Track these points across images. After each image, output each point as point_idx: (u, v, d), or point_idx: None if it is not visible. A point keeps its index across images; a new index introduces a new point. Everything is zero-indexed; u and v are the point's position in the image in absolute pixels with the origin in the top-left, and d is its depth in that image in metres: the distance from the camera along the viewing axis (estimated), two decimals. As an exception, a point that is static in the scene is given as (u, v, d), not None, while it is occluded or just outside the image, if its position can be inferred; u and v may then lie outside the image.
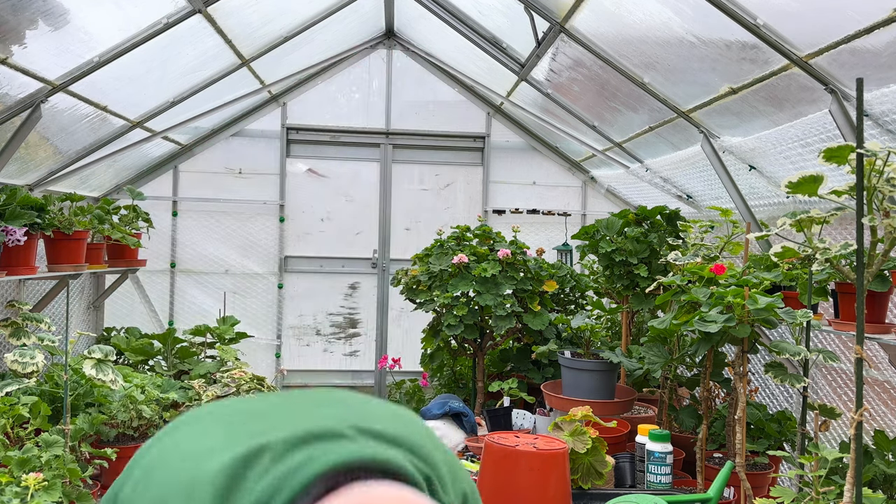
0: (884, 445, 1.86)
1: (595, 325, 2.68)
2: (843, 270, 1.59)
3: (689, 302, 1.95)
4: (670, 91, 2.94)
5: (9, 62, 2.59)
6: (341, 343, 4.84)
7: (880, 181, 1.39)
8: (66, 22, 2.62)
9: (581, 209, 4.85)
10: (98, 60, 2.93)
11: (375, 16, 4.37)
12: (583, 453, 1.81)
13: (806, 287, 1.83)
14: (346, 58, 4.67)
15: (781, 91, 2.39)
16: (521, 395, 2.85)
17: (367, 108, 4.74)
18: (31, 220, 2.87)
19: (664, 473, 1.96)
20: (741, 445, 1.77)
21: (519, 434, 1.62)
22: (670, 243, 2.63)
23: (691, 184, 3.64)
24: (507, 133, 4.83)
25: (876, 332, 1.85)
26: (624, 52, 2.94)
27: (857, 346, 1.33)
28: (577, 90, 3.72)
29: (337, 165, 4.72)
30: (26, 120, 2.95)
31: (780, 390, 3.09)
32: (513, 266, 3.09)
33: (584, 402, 2.16)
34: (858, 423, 1.32)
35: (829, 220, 1.61)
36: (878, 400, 2.52)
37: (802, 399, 1.81)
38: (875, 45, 1.90)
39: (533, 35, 3.31)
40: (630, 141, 3.72)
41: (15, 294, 3.59)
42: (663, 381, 2.42)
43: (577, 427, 1.85)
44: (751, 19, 2.15)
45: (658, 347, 2.21)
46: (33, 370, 2.92)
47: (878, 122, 2.10)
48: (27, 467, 2.43)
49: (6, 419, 2.67)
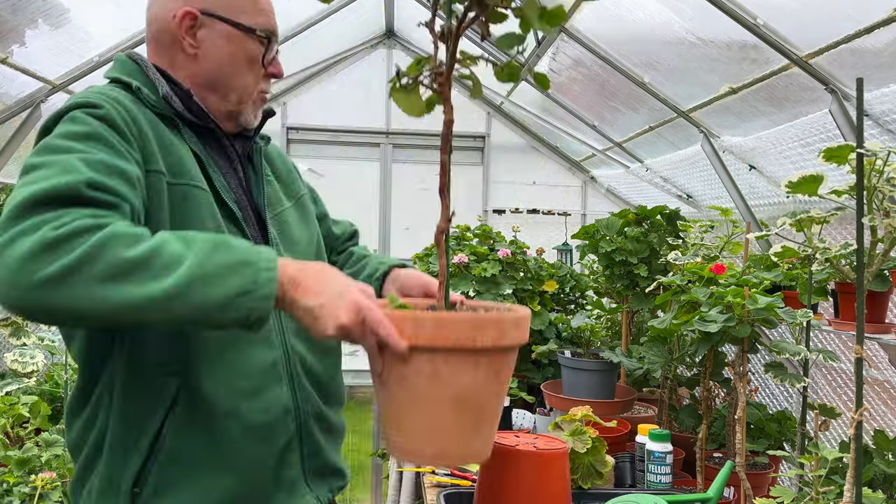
0: (884, 445, 1.86)
1: (595, 325, 2.68)
2: (843, 270, 1.59)
3: (689, 302, 1.95)
4: (670, 91, 2.94)
5: (9, 62, 2.59)
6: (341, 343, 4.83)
7: (880, 181, 1.39)
8: (67, 21, 2.62)
9: (581, 209, 4.85)
10: (98, 60, 2.93)
11: (375, 16, 4.37)
12: (583, 453, 1.81)
13: (806, 287, 1.83)
14: (346, 58, 4.67)
15: (781, 91, 2.39)
16: (521, 394, 2.85)
17: (367, 108, 4.74)
18: (31, 219, 2.87)
19: (664, 473, 1.96)
20: (741, 445, 1.77)
21: (519, 434, 1.62)
22: (670, 243, 2.63)
23: (691, 184, 3.64)
24: (507, 133, 4.83)
25: (876, 331, 1.85)
26: (624, 52, 2.94)
27: (857, 346, 1.33)
28: (578, 90, 3.72)
29: (337, 165, 4.72)
30: (26, 120, 2.95)
31: (780, 390, 3.09)
32: (513, 266, 3.09)
33: (584, 402, 2.16)
34: (858, 422, 1.32)
35: (829, 219, 1.61)
36: (878, 400, 2.52)
37: (802, 399, 1.81)
38: (875, 44, 1.90)
39: (533, 34, 3.31)
40: (630, 141, 3.72)
41: (15, 294, 3.59)
42: (663, 380, 2.42)
43: (577, 427, 1.85)
44: (751, 19, 2.15)
45: (658, 347, 2.21)
46: (33, 370, 2.92)
47: (878, 122, 2.10)
48: (27, 467, 2.43)
49: (6, 419, 2.67)
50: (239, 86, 1.29)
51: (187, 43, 1.26)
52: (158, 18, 1.27)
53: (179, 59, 1.27)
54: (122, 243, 0.91)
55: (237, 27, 1.26)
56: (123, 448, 1.13)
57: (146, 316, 0.91)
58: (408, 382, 0.95)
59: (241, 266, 0.94)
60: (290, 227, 1.37)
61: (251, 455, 1.18)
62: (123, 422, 1.14)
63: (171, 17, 1.25)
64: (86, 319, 0.93)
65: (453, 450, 0.99)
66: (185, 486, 1.14)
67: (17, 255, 0.87)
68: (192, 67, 1.27)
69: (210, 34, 1.26)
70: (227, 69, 1.27)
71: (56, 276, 0.87)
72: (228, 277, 0.93)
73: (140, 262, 0.90)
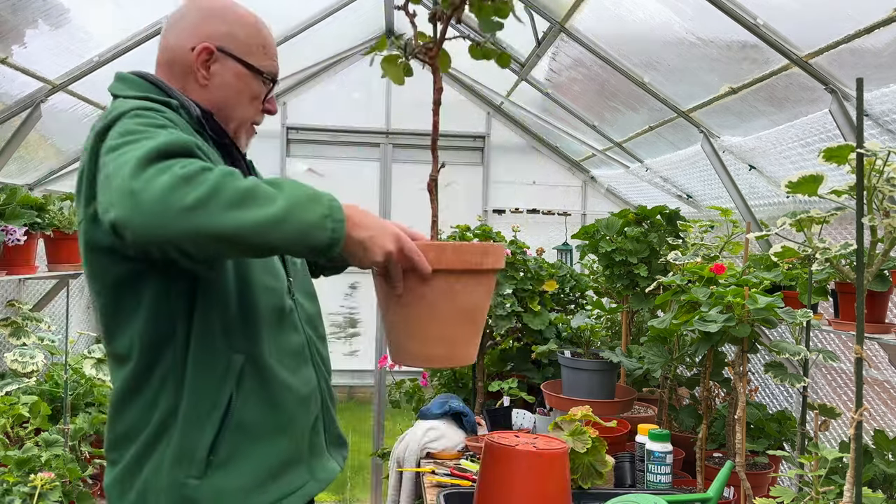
0: (884, 445, 1.86)
1: (595, 325, 2.67)
2: (843, 270, 1.59)
3: (688, 302, 1.95)
4: (670, 91, 2.94)
5: (9, 62, 2.59)
6: (341, 343, 4.84)
7: (880, 181, 1.39)
8: (67, 21, 2.62)
9: (581, 209, 4.84)
10: (98, 60, 2.93)
11: (375, 16, 4.37)
12: (583, 453, 1.81)
13: (806, 287, 1.83)
14: (346, 58, 4.66)
15: (781, 91, 2.39)
16: (521, 394, 2.85)
17: (367, 108, 4.74)
18: (31, 219, 2.87)
19: (664, 473, 1.97)
20: (741, 445, 1.77)
21: (519, 434, 1.62)
22: (670, 243, 2.62)
23: (691, 183, 3.64)
24: (507, 133, 4.83)
25: (876, 331, 1.85)
26: (624, 52, 2.94)
27: (857, 346, 1.33)
28: (578, 90, 3.72)
29: (337, 165, 4.72)
30: (26, 119, 2.95)
31: (780, 390, 3.09)
32: (513, 266, 3.09)
33: (584, 402, 2.16)
34: (858, 422, 1.32)
35: (829, 219, 1.61)
36: (878, 400, 2.52)
37: (802, 399, 1.81)
38: (875, 44, 1.90)
39: (533, 34, 3.31)
40: (630, 140, 3.72)
41: (15, 293, 3.59)
42: (663, 380, 2.42)
43: (577, 427, 1.85)
44: (751, 19, 2.15)
45: (658, 347, 2.21)
46: (33, 370, 2.92)
47: (878, 122, 2.10)
48: (27, 467, 2.43)
49: (6, 419, 2.67)
50: (238, 117, 1.46)
51: (200, 74, 1.41)
52: (173, 48, 1.42)
53: (189, 86, 1.42)
54: (233, 179, 1.08)
55: (247, 67, 1.43)
56: (198, 421, 1.27)
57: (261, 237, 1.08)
58: (427, 300, 1.21)
59: (317, 197, 1.15)
60: None
61: (300, 423, 1.38)
62: (197, 397, 1.28)
63: (189, 50, 1.40)
64: (219, 242, 1.08)
65: (459, 352, 1.25)
66: (249, 451, 1.31)
67: (157, 191, 1.03)
68: (201, 94, 1.42)
69: (222, 69, 1.42)
70: (232, 101, 1.44)
71: (193, 204, 1.04)
72: (314, 204, 1.13)
73: (251, 193, 1.08)
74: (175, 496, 1.27)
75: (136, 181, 1.05)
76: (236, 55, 1.42)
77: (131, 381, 1.31)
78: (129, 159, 1.07)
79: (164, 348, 1.29)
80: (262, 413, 1.32)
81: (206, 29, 1.42)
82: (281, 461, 1.35)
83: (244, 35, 1.44)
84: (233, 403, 1.29)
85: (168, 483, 1.27)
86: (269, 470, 1.32)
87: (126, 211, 1.04)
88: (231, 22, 1.43)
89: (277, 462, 1.34)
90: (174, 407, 1.28)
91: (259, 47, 1.45)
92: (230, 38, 1.42)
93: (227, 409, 1.28)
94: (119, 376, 1.33)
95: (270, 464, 1.33)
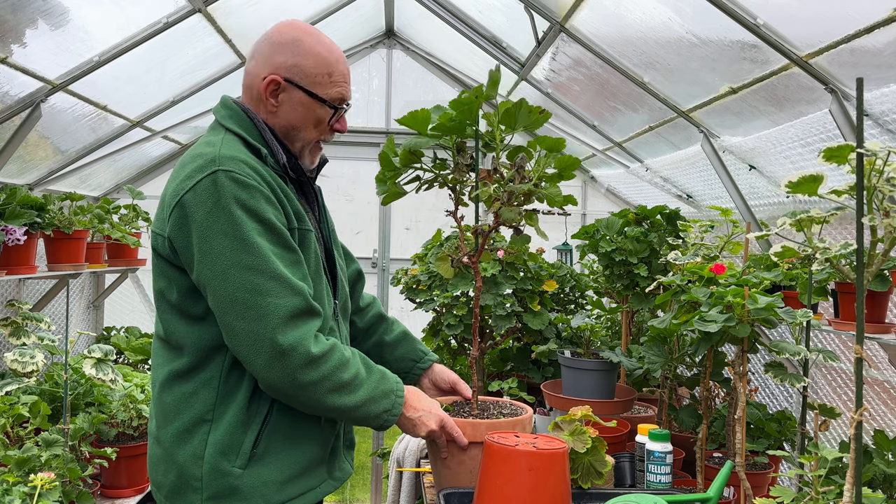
0: (884, 445, 1.86)
1: (595, 325, 2.67)
2: (843, 270, 1.59)
3: (688, 302, 1.95)
4: (670, 91, 2.94)
5: (8, 61, 2.59)
6: (341, 343, 4.83)
7: (880, 181, 1.38)
8: (66, 21, 2.62)
9: (581, 209, 4.85)
10: (98, 60, 2.93)
11: (375, 15, 4.37)
12: (583, 453, 1.80)
13: (806, 287, 1.83)
14: (346, 57, 4.66)
15: (781, 91, 2.39)
16: (521, 394, 2.85)
17: (367, 108, 4.74)
18: (31, 219, 2.87)
19: (664, 473, 1.96)
20: (741, 445, 1.77)
21: (519, 434, 1.62)
22: (670, 243, 2.62)
23: (691, 183, 3.64)
24: (507, 133, 4.82)
25: (876, 331, 1.85)
26: (624, 52, 2.94)
27: (857, 346, 1.33)
28: (578, 90, 3.72)
29: (337, 165, 4.72)
30: (26, 119, 2.95)
31: (780, 390, 3.09)
32: (512, 266, 3.09)
33: (584, 402, 2.16)
34: (858, 422, 1.32)
35: (829, 219, 1.61)
36: (878, 400, 2.52)
37: (802, 399, 1.81)
38: (875, 44, 1.90)
39: (533, 34, 3.31)
40: (630, 140, 3.72)
41: (15, 293, 3.59)
42: (663, 380, 2.42)
43: (577, 427, 1.85)
44: (751, 19, 2.15)
45: (658, 347, 2.21)
46: (33, 369, 2.92)
47: (878, 122, 2.10)
48: (27, 467, 2.43)
49: (6, 418, 2.67)
50: (302, 138, 1.63)
51: (269, 102, 1.58)
52: (252, 74, 1.60)
53: (261, 110, 1.60)
54: (342, 369, 1.47)
55: (312, 96, 1.59)
56: (245, 421, 1.49)
57: (341, 413, 1.50)
58: (466, 466, 1.66)
59: (390, 393, 1.55)
60: (339, 252, 1.80)
61: (326, 430, 1.60)
62: (247, 402, 1.49)
63: (261, 80, 1.58)
64: (308, 409, 1.49)
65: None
66: (282, 450, 1.52)
67: (296, 362, 1.41)
68: (271, 119, 1.60)
69: (289, 98, 1.59)
70: (298, 125, 1.61)
71: (309, 384, 1.43)
72: (384, 400, 1.54)
73: (347, 383, 1.48)
74: (219, 483, 1.46)
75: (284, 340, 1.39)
76: (301, 85, 1.57)
77: (180, 370, 1.51)
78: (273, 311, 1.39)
79: (215, 354, 1.49)
80: (293, 421, 1.53)
81: (276, 60, 1.57)
82: (308, 461, 1.55)
83: (310, 66, 1.58)
84: (271, 413, 1.51)
85: (210, 470, 1.46)
86: (299, 468, 1.53)
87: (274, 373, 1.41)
88: (297, 54, 1.57)
89: (305, 462, 1.55)
90: (212, 405, 1.49)
91: (325, 76, 1.59)
92: (296, 70, 1.57)
93: (267, 415, 1.50)
94: (169, 358, 1.53)
95: (301, 463, 1.54)
